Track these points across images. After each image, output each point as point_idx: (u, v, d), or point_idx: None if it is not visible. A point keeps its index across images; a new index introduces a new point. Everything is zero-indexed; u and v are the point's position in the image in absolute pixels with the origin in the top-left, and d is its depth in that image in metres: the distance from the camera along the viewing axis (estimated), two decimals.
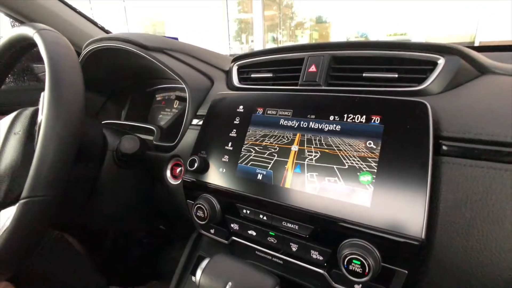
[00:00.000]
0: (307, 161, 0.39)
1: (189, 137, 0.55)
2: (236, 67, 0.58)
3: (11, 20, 0.93)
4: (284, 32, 7.55)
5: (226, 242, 0.46)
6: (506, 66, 0.43)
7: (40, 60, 1.12)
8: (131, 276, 0.84)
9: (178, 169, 0.57)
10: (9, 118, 0.51)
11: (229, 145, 0.46)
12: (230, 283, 0.30)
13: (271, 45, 6.90)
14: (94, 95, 0.85)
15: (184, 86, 0.58)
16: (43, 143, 0.38)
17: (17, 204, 0.38)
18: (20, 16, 0.83)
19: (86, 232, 0.73)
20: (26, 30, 0.49)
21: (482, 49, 0.61)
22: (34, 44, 0.50)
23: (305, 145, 0.40)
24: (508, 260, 0.29)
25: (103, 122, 0.77)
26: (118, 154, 0.55)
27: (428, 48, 0.42)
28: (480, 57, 0.42)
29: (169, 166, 0.57)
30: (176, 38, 1.06)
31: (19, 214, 0.38)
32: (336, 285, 0.38)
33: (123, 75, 0.81)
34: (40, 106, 0.48)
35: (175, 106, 0.85)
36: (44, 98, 0.41)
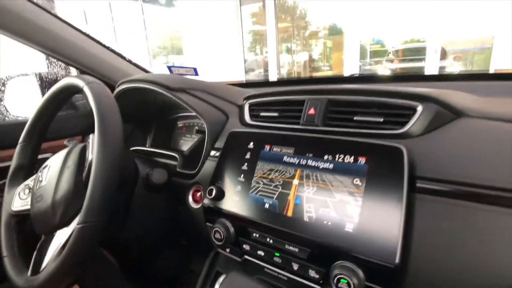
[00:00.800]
0: (306, 194, 0.47)
1: (208, 166, 0.64)
2: (248, 105, 0.67)
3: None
4: (298, 42, 7.64)
5: (239, 260, 0.55)
6: (480, 108, 0.49)
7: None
8: (157, 285, 0.93)
9: (198, 194, 0.66)
10: (62, 153, 0.62)
11: (241, 177, 0.55)
12: None
13: (285, 56, 6.99)
14: (123, 125, 0.96)
15: (203, 121, 0.68)
16: (94, 180, 0.49)
17: (75, 228, 0.48)
18: (62, 57, 0.97)
19: (118, 247, 0.84)
20: (78, 82, 0.60)
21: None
22: (81, 91, 0.61)
23: (304, 179, 0.48)
24: (466, 282, 0.36)
25: (131, 148, 0.88)
26: (149, 182, 0.65)
27: (409, 96, 0.49)
28: (456, 102, 0.49)
29: (191, 192, 0.66)
30: (195, 69, 1.17)
31: (77, 236, 0.48)
32: None
33: (149, 108, 0.93)
34: (89, 145, 0.59)
35: (194, 133, 0.95)
36: (94, 141, 0.52)
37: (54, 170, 0.60)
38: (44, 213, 0.58)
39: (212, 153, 0.65)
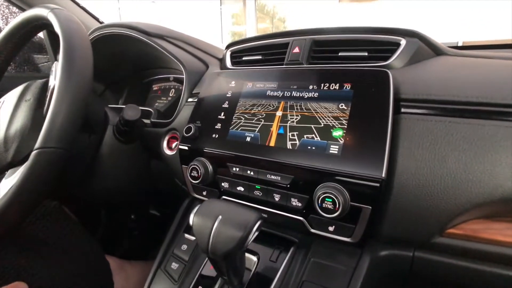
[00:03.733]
0: (289, 123, 0.45)
1: (185, 113, 0.61)
2: (230, 52, 0.65)
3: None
4: None
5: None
6: (458, 51, 0.50)
7: (39, 51, 1.16)
8: (125, 250, 0.87)
9: (174, 143, 0.62)
10: (19, 88, 0.56)
11: (222, 114, 0.52)
12: (220, 217, 0.35)
13: None
14: (94, 83, 0.89)
15: (181, 69, 0.64)
16: (56, 103, 0.43)
17: (30, 153, 0.43)
18: (24, 4, 0.89)
19: (82, 205, 0.77)
20: (40, 11, 0.54)
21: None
22: (46, 24, 0.55)
23: (288, 110, 0.47)
24: (450, 194, 0.36)
25: None
26: (120, 122, 0.60)
27: (393, 31, 0.49)
28: (436, 42, 0.50)
29: (166, 138, 0.62)
30: None
31: (32, 162, 0.42)
32: (313, 230, 0.43)
33: (121, 63, 0.87)
34: (52, 76, 0.53)
35: (170, 95, 0.90)
36: (58, 66, 0.46)
37: (9, 103, 0.54)
38: None
39: (190, 100, 0.62)
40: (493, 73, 0.40)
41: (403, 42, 0.48)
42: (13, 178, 0.50)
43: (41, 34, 1.02)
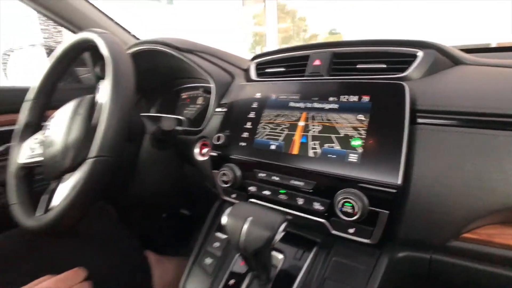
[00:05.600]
0: (311, 133, 0.49)
1: (214, 122, 0.66)
2: (254, 64, 0.69)
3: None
4: (299, 43, 7.68)
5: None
6: (477, 59, 0.52)
7: (81, 65, 1.27)
8: (159, 247, 0.95)
9: (204, 149, 0.68)
10: (73, 102, 0.64)
11: (248, 124, 0.57)
12: (250, 218, 0.40)
13: None
14: None
15: (209, 80, 0.70)
16: (108, 118, 0.50)
17: (87, 162, 0.50)
18: (73, 27, 0.99)
19: (121, 205, 0.85)
20: (89, 35, 0.62)
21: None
22: (94, 46, 0.63)
23: (310, 120, 0.50)
24: (465, 201, 0.38)
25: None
26: (157, 133, 0.67)
27: (410, 43, 0.52)
28: (454, 51, 0.52)
29: (198, 145, 0.68)
30: None
31: (90, 169, 0.49)
32: (334, 231, 0.47)
33: (155, 75, 0.94)
34: (98, 93, 0.60)
35: (198, 103, 0.97)
36: (107, 86, 0.53)
37: (65, 117, 0.62)
38: (54, 157, 0.60)
39: (218, 109, 0.67)
40: (509, 84, 0.42)
41: (419, 54, 0.50)
42: (70, 181, 0.58)
43: None
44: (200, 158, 0.67)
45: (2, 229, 0.72)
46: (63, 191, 0.57)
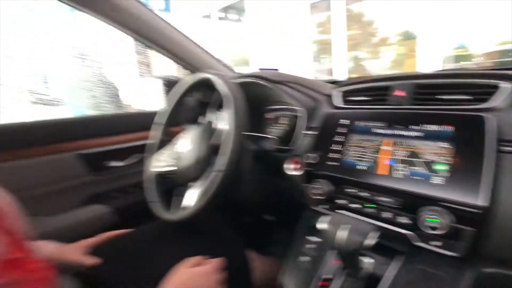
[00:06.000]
0: (396, 157, 0.58)
1: (303, 142, 0.79)
2: (338, 92, 0.80)
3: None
4: (367, 49, 7.40)
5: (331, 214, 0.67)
6: None
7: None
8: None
9: (295, 165, 0.81)
10: (194, 129, 0.84)
11: (337, 146, 0.68)
12: (348, 226, 0.50)
13: (351, 65, 6.88)
14: None
15: (297, 107, 0.83)
16: (229, 141, 0.67)
17: (214, 174, 0.68)
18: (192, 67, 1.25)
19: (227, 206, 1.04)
20: (207, 75, 0.81)
21: None
22: (211, 85, 0.82)
23: (395, 146, 0.59)
24: None
25: None
26: (258, 150, 0.83)
27: (492, 75, 0.56)
28: None
29: (289, 162, 0.82)
30: (277, 69, 1.35)
31: (216, 179, 0.67)
32: (419, 244, 0.54)
33: (249, 101, 1.12)
34: (216, 120, 0.79)
35: (281, 122, 1.11)
36: (226, 116, 0.71)
37: (191, 139, 0.82)
38: (184, 169, 0.80)
39: (306, 132, 0.80)
40: None
41: (502, 85, 0.54)
42: (197, 188, 0.77)
43: None
44: (292, 173, 0.80)
45: (143, 220, 0.96)
46: (193, 195, 0.77)
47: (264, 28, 6.74)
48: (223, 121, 0.75)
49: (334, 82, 1.22)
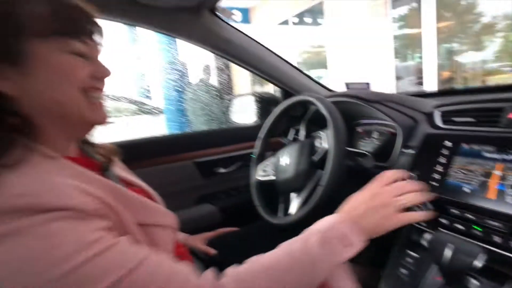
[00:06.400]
0: (507, 182, 0.58)
1: (400, 159, 0.83)
2: (440, 112, 0.81)
3: None
4: (463, 40, 6.49)
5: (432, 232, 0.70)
6: None
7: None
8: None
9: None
10: (296, 144, 0.96)
11: (439, 167, 0.70)
12: (453, 246, 0.54)
13: (443, 59, 6.14)
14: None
15: (395, 125, 0.87)
16: (333, 160, 0.77)
17: (317, 187, 0.78)
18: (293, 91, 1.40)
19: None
20: (309, 98, 0.92)
21: None
22: (312, 106, 0.93)
23: (506, 171, 0.59)
24: None
25: None
26: (356, 167, 0.90)
27: None
28: None
29: None
30: (368, 84, 1.38)
31: (321, 192, 0.77)
32: None
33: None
34: (318, 139, 0.90)
35: (373, 137, 1.14)
36: (330, 136, 0.81)
37: (293, 154, 0.95)
38: (287, 180, 0.93)
39: (404, 150, 0.83)
40: None
41: None
42: (299, 198, 0.90)
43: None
44: None
45: (245, 219, 1.13)
46: (295, 204, 0.89)
47: (342, 28, 6.59)
48: (324, 140, 0.85)
49: (427, 95, 1.19)
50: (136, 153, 1.19)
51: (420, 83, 5.76)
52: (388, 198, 0.59)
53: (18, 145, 0.43)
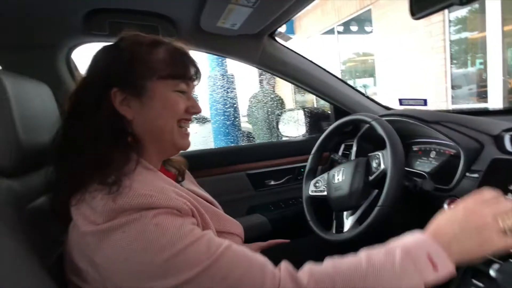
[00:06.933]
0: None
1: (464, 183, 0.80)
2: (510, 136, 0.78)
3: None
4: None
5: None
6: None
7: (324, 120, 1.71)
8: None
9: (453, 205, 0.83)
10: (353, 162, 0.98)
11: (509, 195, 0.67)
12: None
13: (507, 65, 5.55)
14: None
15: (458, 148, 0.85)
16: (391, 181, 0.78)
17: (376, 208, 0.80)
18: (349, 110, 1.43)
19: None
20: (366, 118, 0.94)
21: None
22: (369, 126, 0.94)
23: None
24: None
25: None
26: (414, 189, 0.89)
27: None
28: None
29: (446, 202, 0.84)
30: (425, 100, 1.34)
31: (377, 212, 0.78)
32: None
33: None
34: (376, 159, 0.90)
35: (431, 156, 1.10)
36: (387, 156, 0.82)
37: (348, 172, 0.97)
38: (341, 198, 0.95)
39: (468, 174, 0.81)
40: None
41: None
42: (354, 216, 0.91)
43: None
44: None
45: (292, 232, 1.17)
46: (350, 222, 0.91)
47: (392, 34, 6.33)
48: (381, 160, 0.86)
49: (490, 113, 1.11)
50: (194, 163, 1.30)
51: (483, 93, 5.26)
52: (488, 218, 0.51)
53: (132, 158, 0.54)
